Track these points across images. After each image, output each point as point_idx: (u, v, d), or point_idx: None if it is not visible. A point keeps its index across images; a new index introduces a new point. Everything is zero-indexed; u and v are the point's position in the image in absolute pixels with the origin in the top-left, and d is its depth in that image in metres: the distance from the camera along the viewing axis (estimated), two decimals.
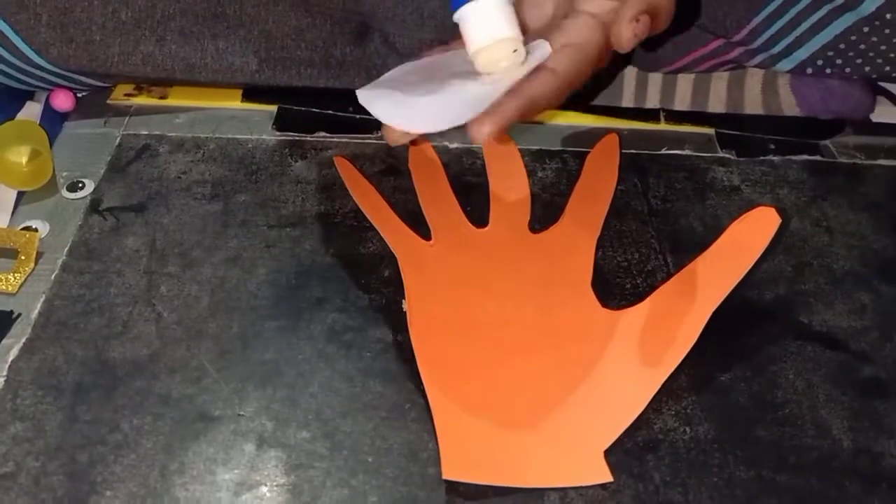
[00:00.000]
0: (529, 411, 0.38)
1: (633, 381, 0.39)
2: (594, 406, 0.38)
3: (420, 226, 0.46)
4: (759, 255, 0.42)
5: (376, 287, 0.43)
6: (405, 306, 0.42)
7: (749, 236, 0.43)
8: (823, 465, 0.37)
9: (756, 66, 0.54)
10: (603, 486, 0.35)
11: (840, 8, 0.49)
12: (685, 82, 0.57)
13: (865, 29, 0.49)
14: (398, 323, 0.41)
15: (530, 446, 0.37)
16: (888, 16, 0.48)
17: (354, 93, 0.53)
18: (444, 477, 0.35)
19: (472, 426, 0.37)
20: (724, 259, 0.42)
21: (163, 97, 0.54)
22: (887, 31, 0.49)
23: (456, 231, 0.46)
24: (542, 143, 0.53)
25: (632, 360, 0.40)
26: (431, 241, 0.45)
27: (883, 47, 0.50)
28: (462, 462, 0.36)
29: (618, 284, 0.44)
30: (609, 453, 0.36)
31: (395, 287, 0.43)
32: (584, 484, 0.35)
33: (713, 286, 0.41)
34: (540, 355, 0.40)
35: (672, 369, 0.39)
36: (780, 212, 0.43)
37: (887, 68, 0.52)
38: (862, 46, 0.51)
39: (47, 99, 0.54)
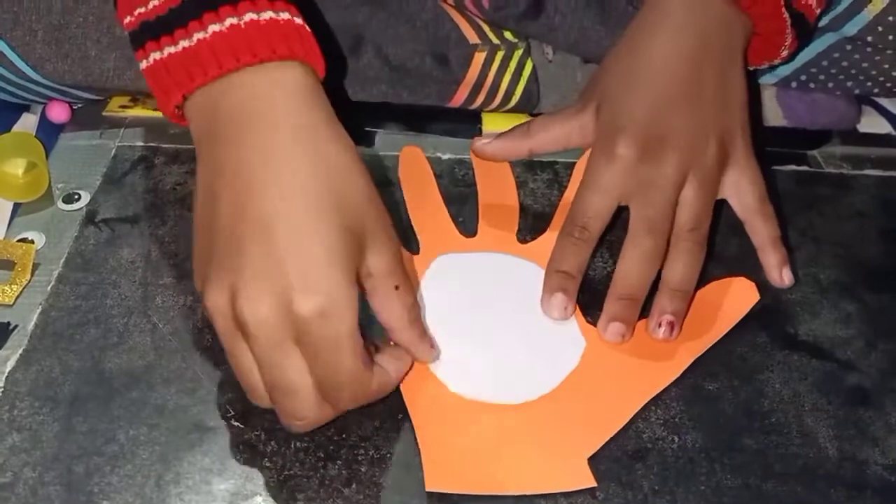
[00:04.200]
0: (512, 418, 0.38)
1: (617, 393, 0.40)
2: (577, 414, 0.39)
3: (409, 241, 0.47)
4: (733, 325, 0.43)
5: None
6: None
7: (728, 306, 0.44)
8: (809, 472, 0.37)
9: None
10: (592, 494, 0.36)
11: (822, 29, 0.49)
12: None
13: (848, 48, 0.50)
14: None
15: (513, 453, 0.37)
16: (869, 38, 0.49)
17: (347, 104, 0.54)
18: (428, 489, 0.36)
19: (453, 436, 0.38)
20: (702, 317, 0.43)
21: (158, 109, 0.55)
22: (868, 49, 0.50)
23: (444, 240, 0.47)
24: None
25: (614, 375, 0.40)
26: (419, 255, 0.46)
27: (864, 65, 0.51)
28: (445, 473, 0.36)
29: (605, 293, 0.44)
30: (598, 461, 0.37)
31: None
32: (567, 489, 0.36)
33: (691, 339, 0.42)
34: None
35: (650, 397, 0.40)
36: (760, 288, 0.45)
37: (869, 84, 0.52)
38: (844, 64, 0.51)
39: (43, 111, 0.54)
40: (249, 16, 0.36)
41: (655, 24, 0.46)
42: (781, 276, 0.45)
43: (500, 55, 0.54)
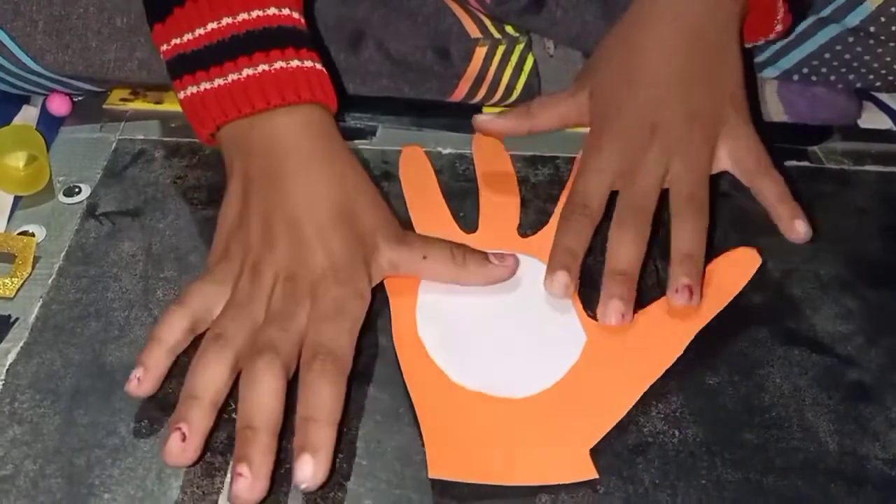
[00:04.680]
0: (513, 413, 0.38)
1: (618, 384, 0.40)
2: (579, 408, 0.39)
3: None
4: (737, 293, 0.44)
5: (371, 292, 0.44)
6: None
7: (730, 274, 0.44)
8: (809, 467, 0.38)
9: None
10: (593, 488, 0.36)
11: (824, 20, 0.50)
12: None
13: (850, 39, 0.50)
14: (391, 328, 0.42)
15: (514, 446, 0.37)
16: (872, 29, 0.49)
17: (348, 98, 0.54)
18: (430, 476, 0.36)
19: (455, 425, 0.38)
20: (707, 291, 0.43)
21: (158, 102, 0.55)
22: (871, 41, 0.50)
23: (445, 236, 0.46)
24: (535, 148, 0.53)
25: (614, 366, 0.41)
26: None
27: (867, 57, 0.51)
28: (448, 461, 0.36)
29: None
30: (599, 456, 0.37)
31: None
32: (569, 481, 0.36)
33: (693, 314, 0.42)
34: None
35: (653, 380, 0.40)
36: (761, 251, 0.45)
37: (871, 77, 0.52)
38: (846, 56, 0.51)
39: (44, 103, 0.54)
40: (279, 63, 0.41)
41: (650, 13, 0.47)
42: (795, 227, 0.44)
43: (501, 50, 0.54)
